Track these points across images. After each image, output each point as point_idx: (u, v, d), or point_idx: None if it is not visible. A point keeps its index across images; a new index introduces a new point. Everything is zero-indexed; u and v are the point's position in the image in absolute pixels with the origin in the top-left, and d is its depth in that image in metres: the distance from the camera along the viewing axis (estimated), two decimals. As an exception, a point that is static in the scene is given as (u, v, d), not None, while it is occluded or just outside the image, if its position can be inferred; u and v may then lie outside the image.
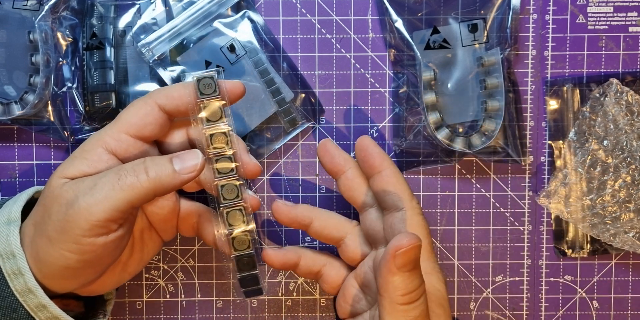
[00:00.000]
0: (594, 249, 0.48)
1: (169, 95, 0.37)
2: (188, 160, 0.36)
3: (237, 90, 0.39)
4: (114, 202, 0.34)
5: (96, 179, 0.35)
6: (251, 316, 0.48)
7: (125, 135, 0.37)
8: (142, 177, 0.35)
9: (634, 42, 0.47)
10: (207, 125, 0.38)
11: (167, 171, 0.35)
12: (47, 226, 0.35)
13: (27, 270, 0.36)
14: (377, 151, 0.40)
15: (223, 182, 0.39)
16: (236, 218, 0.40)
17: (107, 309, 0.42)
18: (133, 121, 0.37)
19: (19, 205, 0.38)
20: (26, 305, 0.36)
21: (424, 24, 0.46)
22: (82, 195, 0.34)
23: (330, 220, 0.42)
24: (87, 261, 0.36)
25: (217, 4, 0.44)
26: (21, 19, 0.44)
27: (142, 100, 0.38)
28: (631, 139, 0.45)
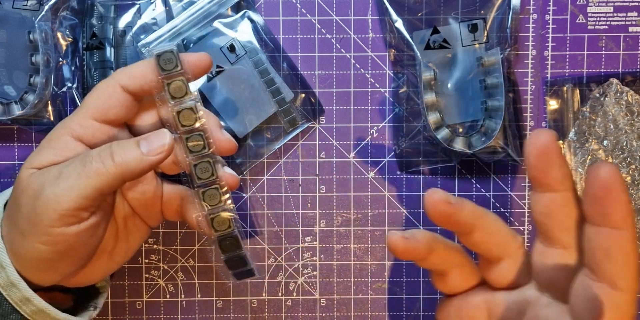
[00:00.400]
0: (594, 249, 0.48)
1: (131, 75, 0.36)
2: (155, 142, 0.34)
3: (201, 63, 0.37)
4: (81, 190, 0.33)
5: (62, 167, 0.34)
6: (251, 316, 0.48)
7: (90, 120, 0.36)
8: (108, 162, 0.33)
9: (634, 42, 0.47)
10: (173, 102, 0.37)
11: (133, 155, 0.34)
12: (17, 219, 0.34)
13: (8, 264, 0.35)
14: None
15: (196, 161, 0.37)
16: (213, 197, 0.38)
17: (99, 302, 0.41)
18: (96, 104, 0.36)
19: (2, 199, 0.37)
20: (10, 299, 0.35)
21: (424, 24, 0.46)
22: (48, 185, 0.33)
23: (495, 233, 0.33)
24: (61, 252, 0.34)
25: (217, 4, 0.44)
26: (21, 19, 0.44)
27: (104, 82, 0.36)
28: (631, 139, 0.45)
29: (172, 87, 0.36)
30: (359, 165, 0.48)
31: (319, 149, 0.48)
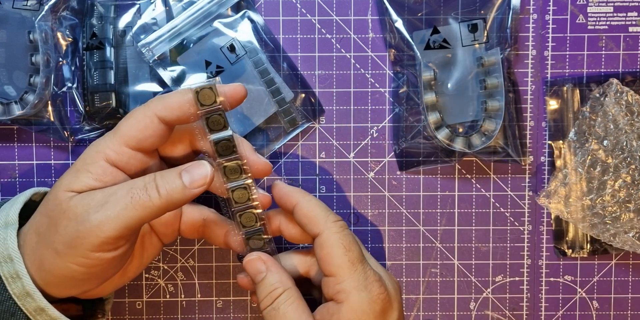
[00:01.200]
0: (594, 249, 0.48)
1: (168, 106, 0.36)
2: (197, 174, 0.35)
3: (237, 95, 0.38)
4: (126, 220, 0.34)
5: (107, 195, 0.35)
6: (251, 316, 0.48)
7: (125, 147, 0.36)
8: (154, 195, 0.34)
9: (634, 42, 0.47)
10: (211, 134, 0.38)
11: (177, 187, 0.35)
12: (53, 238, 0.35)
13: (24, 274, 0.35)
14: (287, 189, 0.40)
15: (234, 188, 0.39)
16: (249, 219, 0.39)
17: (106, 309, 0.42)
18: (133, 134, 0.36)
19: (16, 208, 0.38)
20: (24, 309, 0.36)
21: (424, 24, 0.46)
22: (93, 211, 0.34)
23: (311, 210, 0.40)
24: (93, 273, 0.36)
25: (217, 4, 0.44)
26: (21, 19, 0.44)
27: (141, 112, 0.36)
28: (631, 139, 0.45)
29: (210, 120, 0.37)
30: (359, 165, 0.48)
31: (319, 149, 0.48)
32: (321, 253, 0.38)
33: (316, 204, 0.40)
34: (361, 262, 0.38)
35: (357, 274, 0.38)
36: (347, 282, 0.37)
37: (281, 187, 0.41)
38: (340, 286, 0.37)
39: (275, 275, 0.39)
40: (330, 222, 0.39)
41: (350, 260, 0.38)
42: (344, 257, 0.38)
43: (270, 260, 0.40)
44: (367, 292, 0.37)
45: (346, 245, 0.38)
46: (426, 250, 0.48)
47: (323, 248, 0.38)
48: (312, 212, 0.39)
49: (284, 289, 0.38)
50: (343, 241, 0.38)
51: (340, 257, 0.38)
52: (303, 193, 0.40)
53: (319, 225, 0.39)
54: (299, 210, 0.39)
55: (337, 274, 0.38)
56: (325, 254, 0.38)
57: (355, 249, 0.38)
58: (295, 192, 0.40)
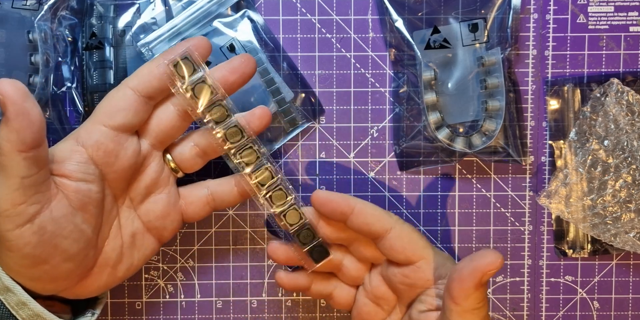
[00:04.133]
0: (594, 249, 0.48)
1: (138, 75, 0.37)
2: None
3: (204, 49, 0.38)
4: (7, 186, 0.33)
5: None
6: (251, 316, 0.48)
7: (98, 125, 0.36)
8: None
9: (635, 42, 0.47)
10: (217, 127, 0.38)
11: None
12: None
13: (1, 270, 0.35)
14: (338, 197, 0.40)
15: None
16: (279, 197, 0.40)
17: (97, 308, 0.41)
18: (105, 109, 0.36)
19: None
20: (7, 304, 0.35)
21: (424, 23, 0.46)
22: None
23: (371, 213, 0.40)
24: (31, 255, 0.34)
25: (217, 4, 0.44)
26: (20, 19, 0.44)
27: (114, 88, 0.37)
28: (632, 139, 0.45)
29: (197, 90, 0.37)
30: (359, 165, 0.48)
31: (319, 149, 0.48)
32: (403, 242, 0.40)
33: (371, 204, 0.41)
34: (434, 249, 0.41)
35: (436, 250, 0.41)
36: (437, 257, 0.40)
37: (328, 195, 0.40)
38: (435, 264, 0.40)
39: None
40: (393, 216, 0.41)
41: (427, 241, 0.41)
42: (423, 239, 0.41)
43: None
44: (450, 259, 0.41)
45: (417, 231, 0.41)
46: (426, 251, 0.48)
47: (403, 237, 0.40)
48: (375, 213, 0.40)
49: None
50: (414, 228, 0.41)
51: (422, 240, 0.40)
52: (353, 198, 0.41)
53: (388, 221, 0.40)
54: (361, 213, 0.40)
55: (426, 255, 0.40)
56: (408, 242, 0.40)
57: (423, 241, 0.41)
58: (347, 198, 0.40)
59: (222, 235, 0.48)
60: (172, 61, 0.36)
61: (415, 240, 0.40)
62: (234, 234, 0.48)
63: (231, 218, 0.48)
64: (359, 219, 0.40)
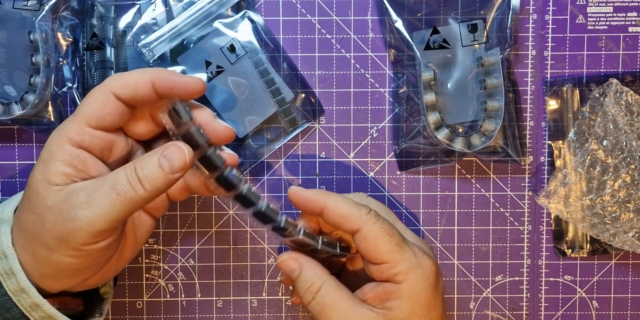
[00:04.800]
0: (593, 248, 0.48)
1: (124, 84, 0.36)
2: (176, 159, 0.35)
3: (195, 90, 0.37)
4: (114, 215, 0.34)
5: (91, 192, 0.34)
6: (251, 316, 0.48)
7: (86, 127, 0.36)
8: (139, 189, 0.34)
9: (634, 42, 0.47)
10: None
11: (160, 177, 0.35)
12: (43, 235, 0.35)
13: (19, 270, 0.35)
14: (308, 193, 0.40)
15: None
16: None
17: (104, 308, 0.42)
18: (91, 113, 0.36)
19: (12, 205, 0.38)
20: (20, 305, 0.36)
21: (423, 24, 0.46)
22: (80, 209, 0.34)
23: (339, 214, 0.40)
24: (88, 262, 0.36)
25: (217, 4, 0.44)
26: (21, 19, 0.44)
27: (98, 89, 0.36)
28: (631, 139, 0.45)
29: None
30: (359, 165, 0.48)
31: (319, 149, 0.48)
32: (367, 245, 0.39)
33: (343, 201, 0.40)
34: (405, 242, 0.40)
35: (408, 255, 0.39)
36: (401, 265, 0.38)
37: (301, 192, 0.40)
38: (396, 269, 0.38)
39: (309, 270, 0.39)
40: (364, 215, 0.39)
41: (397, 244, 0.39)
42: (390, 244, 0.39)
43: (301, 257, 0.40)
44: (421, 268, 0.39)
45: (388, 231, 0.39)
46: (426, 250, 0.48)
47: (368, 240, 0.39)
48: (344, 211, 0.39)
49: (322, 282, 0.39)
50: (384, 229, 0.39)
51: (388, 244, 0.39)
52: (326, 194, 0.40)
53: (356, 221, 0.39)
54: (329, 212, 0.39)
55: (390, 260, 0.39)
56: (372, 246, 0.39)
57: (396, 233, 0.39)
58: (318, 195, 0.40)
59: (223, 235, 0.48)
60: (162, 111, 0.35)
61: (379, 244, 0.39)
62: (234, 234, 0.48)
63: (231, 218, 0.48)
64: (328, 218, 0.40)
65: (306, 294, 0.39)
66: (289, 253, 0.40)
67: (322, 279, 0.39)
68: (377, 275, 0.39)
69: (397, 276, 0.38)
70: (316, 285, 0.39)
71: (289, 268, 0.40)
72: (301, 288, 0.39)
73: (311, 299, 0.39)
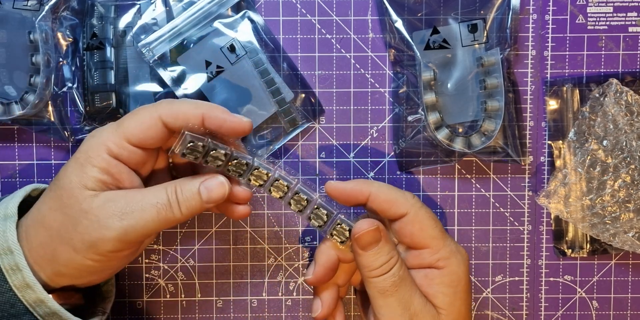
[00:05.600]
0: (593, 248, 0.48)
1: (175, 114, 0.37)
2: (215, 192, 0.37)
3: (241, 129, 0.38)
4: (149, 229, 0.36)
5: (131, 203, 0.36)
6: (251, 316, 0.48)
7: (127, 143, 0.37)
8: (177, 212, 0.37)
9: (634, 42, 0.47)
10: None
11: (197, 204, 0.37)
12: (71, 236, 0.36)
13: (24, 266, 0.36)
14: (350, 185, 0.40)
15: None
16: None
17: (107, 307, 0.42)
18: (135, 132, 0.37)
19: (15, 201, 0.38)
20: (24, 301, 0.36)
21: (423, 24, 0.46)
22: (118, 219, 0.35)
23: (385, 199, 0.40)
24: (108, 266, 0.38)
25: (217, 4, 0.44)
26: (21, 19, 0.44)
27: (147, 112, 0.37)
28: (631, 139, 0.45)
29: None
30: (359, 165, 0.48)
31: (319, 149, 0.48)
32: (413, 229, 0.40)
33: (388, 187, 0.41)
34: (446, 231, 0.41)
35: (449, 241, 0.40)
36: (444, 250, 0.40)
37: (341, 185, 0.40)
38: (438, 255, 0.39)
39: (391, 244, 0.40)
40: (410, 199, 0.40)
41: (441, 231, 0.40)
42: (436, 229, 0.40)
43: (384, 230, 0.40)
44: (460, 254, 0.40)
45: (434, 218, 0.40)
46: (426, 250, 0.48)
47: (414, 224, 0.40)
48: (390, 196, 0.40)
49: (398, 256, 0.40)
50: (430, 214, 0.40)
51: (434, 229, 0.40)
52: (368, 182, 0.41)
53: (403, 205, 0.40)
54: (376, 199, 0.40)
55: (433, 245, 0.40)
56: (418, 229, 0.40)
57: (439, 221, 0.41)
58: (361, 184, 0.40)
59: (223, 235, 0.48)
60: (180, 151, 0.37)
61: (425, 229, 0.39)
62: (234, 234, 0.48)
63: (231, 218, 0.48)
64: (373, 205, 0.40)
65: (385, 265, 0.39)
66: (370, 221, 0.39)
67: (397, 256, 0.40)
68: (416, 262, 0.40)
69: (439, 262, 0.39)
70: (396, 257, 0.39)
71: (372, 238, 0.39)
72: (379, 258, 0.39)
73: (388, 270, 0.39)
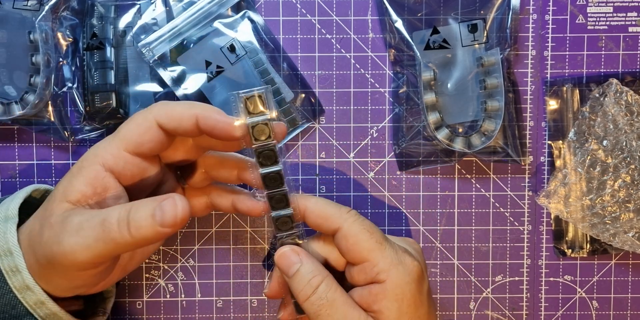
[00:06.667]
0: (593, 248, 0.48)
1: (170, 115, 0.35)
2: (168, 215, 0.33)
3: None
4: (96, 251, 0.33)
5: (84, 220, 0.34)
6: (251, 316, 0.48)
7: (124, 151, 0.36)
8: (125, 235, 0.33)
9: (634, 42, 0.47)
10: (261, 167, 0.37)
11: (148, 228, 0.33)
12: (38, 248, 0.35)
13: (24, 268, 0.36)
14: None
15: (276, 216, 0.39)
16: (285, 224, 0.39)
17: (107, 307, 0.42)
18: (131, 137, 0.36)
19: (16, 202, 0.38)
20: (25, 302, 0.36)
21: (423, 24, 0.46)
22: (68, 235, 0.33)
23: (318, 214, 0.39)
24: (78, 284, 0.36)
25: (217, 4, 0.44)
26: (21, 19, 0.44)
27: (142, 116, 0.36)
28: (631, 139, 0.45)
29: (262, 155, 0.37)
30: (359, 165, 0.48)
31: (319, 149, 0.48)
32: (347, 244, 0.38)
33: (324, 203, 0.40)
34: (386, 239, 0.39)
35: (388, 252, 0.38)
36: (382, 262, 0.38)
37: None
38: (377, 268, 0.38)
39: (311, 265, 0.39)
40: (344, 214, 0.39)
41: (378, 241, 0.38)
42: (370, 241, 0.38)
43: (303, 252, 0.39)
44: (403, 265, 0.38)
45: (368, 229, 0.39)
46: (426, 250, 0.48)
47: (348, 239, 0.38)
48: (324, 211, 0.39)
49: (324, 276, 0.38)
50: (364, 227, 0.39)
51: (368, 242, 0.38)
52: (306, 197, 0.40)
53: (336, 220, 0.39)
54: (310, 214, 0.39)
55: (371, 258, 0.38)
56: (352, 244, 0.38)
57: (376, 230, 0.39)
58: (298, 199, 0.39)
59: (223, 234, 0.48)
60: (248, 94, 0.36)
61: (359, 242, 0.38)
62: (234, 234, 0.48)
63: (231, 218, 0.48)
64: (310, 220, 0.39)
65: (306, 288, 0.38)
66: (290, 246, 0.39)
67: (324, 274, 0.38)
68: (360, 277, 0.39)
69: (379, 275, 0.38)
70: (318, 279, 0.38)
71: (289, 261, 0.39)
72: (300, 282, 0.38)
73: (311, 293, 0.38)
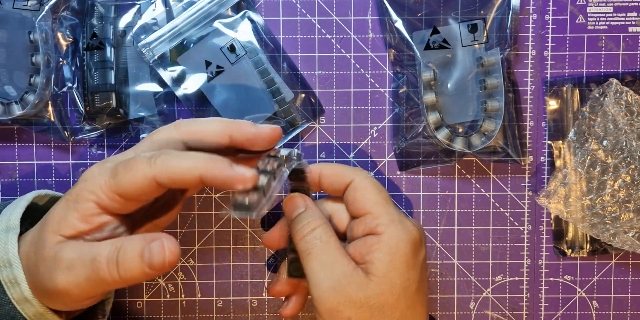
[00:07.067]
0: (593, 248, 0.48)
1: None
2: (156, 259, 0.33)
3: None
4: (88, 288, 0.34)
5: (76, 258, 0.33)
6: (251, 316, 0.48)
7: (119, 197, 0.34)
8: (114, 274, 0.33)
9: (634, 42, 0.47)
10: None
11: (137, 269, 0.33)
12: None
13: (22, 280, 0.35)
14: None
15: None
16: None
17: (106, 309, 0.42)
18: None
19: (17, 212, 0.37)
20: (24, 313, 0.36)
21: (423, 24, 0.46)
22: (60, 273, 0.33)
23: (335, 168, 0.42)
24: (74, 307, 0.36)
25: (217, 4, 0.44)
26: (21, 19, 0.44)
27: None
28: (631, 139, 0.45)
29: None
30: (359, 165, 0.48)
31: (319, 149, 0.48)
32: (355, 194, 0.40)
33: (338, 164, 0.42)
34: (392, 201, 0.41)
35: (392, 210, 0.40)
36: (384, 216, 0.39)
37: None
38: (378, 220, 0.39)
39: (315, 211, 0.40)
40: (357, 170, 0.41)
41: (384, 199, 0.40)
42: (378, 196, 0.40)
43: (310, 199, 0.41)
44: (403, 224, 0.39)
45: (378, 186, 0.40)
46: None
47: (357, 190, 0.40)
48: (337, 169, 0.41)
49: (320, 223, 0.39)
50: (375, 183, 0.40)
51: (375, 196, 0.40)
52: (319, 164, 0.42)
53: (350, 174, 0.41)
54: (326, 171, 0.41)
55: (373, 210, 0.39)
56: (360, 195, 0.40)
57: (385, 191, 0.41)
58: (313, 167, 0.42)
59: (223, 235, 0.48)
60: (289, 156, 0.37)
61: (366, 194, 0.40)
62: (234, 234, 0.48)
63: (231, 218, 0.48)
64: (325, 181, 0.41)
65: (304, 227, 0.39)
66: (298, 193, 0.41)
67: (321, 221, 0.39)
68: (358, 229, 0.40)
69: (378, 227, 0.39)
70: (318, 222, 0.39)
71: (295, 204, 0.40)
72: (300, 222, 0.39)
73: (308, 232, 0.39)
